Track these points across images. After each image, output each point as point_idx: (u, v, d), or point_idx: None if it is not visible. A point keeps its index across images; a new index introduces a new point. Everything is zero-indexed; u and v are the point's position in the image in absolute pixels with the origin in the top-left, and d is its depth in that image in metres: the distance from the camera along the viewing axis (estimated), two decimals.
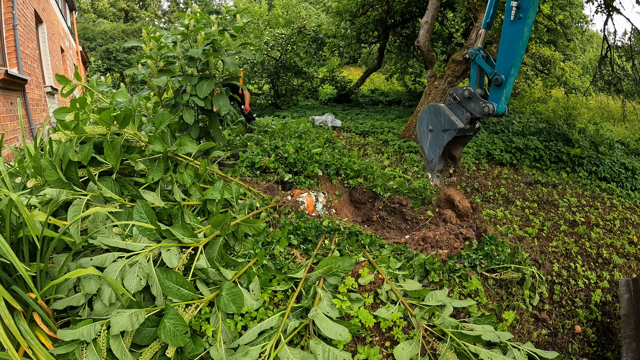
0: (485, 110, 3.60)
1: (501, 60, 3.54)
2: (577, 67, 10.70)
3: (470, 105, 3.73)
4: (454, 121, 3.83)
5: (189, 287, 2.28)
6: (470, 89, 3.70)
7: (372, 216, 4.47)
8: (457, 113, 3.85)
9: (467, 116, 3.77)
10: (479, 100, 3.65)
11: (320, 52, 12.60)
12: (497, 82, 3.56)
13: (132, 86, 22.01)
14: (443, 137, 3.95)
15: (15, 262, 1.76)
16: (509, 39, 3.43)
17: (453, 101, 3.85)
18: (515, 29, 3.39)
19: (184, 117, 3.86)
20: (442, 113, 3.91)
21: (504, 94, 3.57)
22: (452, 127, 3.85)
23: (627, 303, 2.78)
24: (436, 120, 3.98)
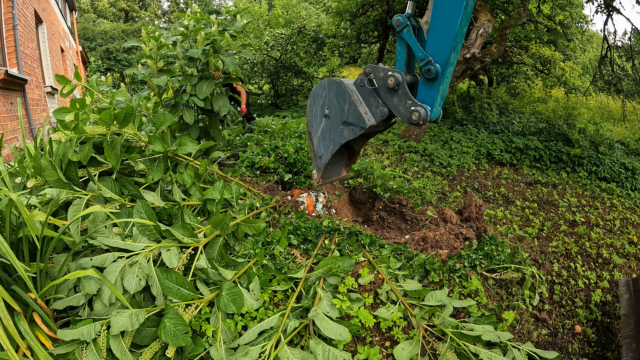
0: (414, 118, 2.51)
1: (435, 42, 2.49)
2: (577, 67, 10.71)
3: (391, 100, 2.63)
4: (362, 115, 2.71)
5: (189, 287, 2.28)
6: (396, 75, 2.56)
7: (372, 216, 4.47)
8: (370, 103, 2.73)
9: (382, 112, 2.68)
10: (406, 97, 2.58)
11: (320, 52, 12.61)
12: (429, 75, 2.49)
13: (132, 86, 22.02)
14: (342, 132, 2.86)
15: (14, 262, 1.76)
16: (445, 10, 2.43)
17: (367, 85, 2.71)
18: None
19: (183, 117, 3.87)
20: (348, 99, 2.77)
21: (440, 92, 2.58)
22: (358, 124, 2.75)
23: (627, 303, 2.78)
24: (337, 105, 2.85)
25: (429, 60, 2.43)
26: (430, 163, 6.44)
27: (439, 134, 7.71)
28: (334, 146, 2.90)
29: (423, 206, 4.54)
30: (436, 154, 6.60)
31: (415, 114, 2.46)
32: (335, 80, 2.80)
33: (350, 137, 2.79)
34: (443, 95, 2.58)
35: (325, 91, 2.87)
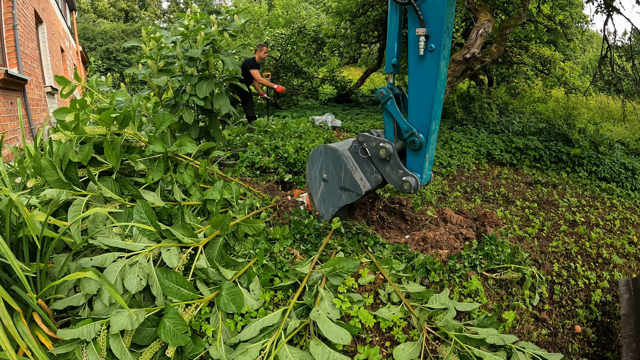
0: (405, 188, 2.72)
1: (415, 113, 2.63)
2: (577, 67, 10.72)
3: (384, 169, 2.82)
4: (357, 183, 2.89)
5: (189, 287, 2.28)
6: (387, 147, 2.72)
7: (372, 216, 4.48)
8: (365, 170, 2.91)
9: (377, 178, 2.87)
10: (397, 167, 2.75)
11: (320, 52, 12.61)
12: (414, 146, 2.66)
13: (132, 86, 22.01)
14: (340, 196, 3.04)
15: (12, 262, 1.76)
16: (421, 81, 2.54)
17: (361, 154, 2.90)
18: (427, 66, 2.49)
19: (183, 117, 3.87)
20: (344, 166, 2.92)
21: (427, 159, 2.72)
22: (354, 190, 2.92)
23: (627, 303, 2.78)
24: (333, 172, 3.01)
25: (412, 132, 2.62)
26: None
27: (439, 134, 7.71)
28: (334, 208, 3.16)
29: (423, 206, 4.55)
30: (436, 154, 6.60)
31: (406, 184, 2.69)
32: (331, 148, 3.00)
33: (348, 202, 3.03)
34: (431, 160, 2.80)
35: (322, 157, 3.07)
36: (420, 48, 2.47)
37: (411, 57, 2.56)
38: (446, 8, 2.40)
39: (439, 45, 2.44)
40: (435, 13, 2.43)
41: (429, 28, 2.45)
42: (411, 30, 2.53)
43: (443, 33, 2.45)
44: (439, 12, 2.41)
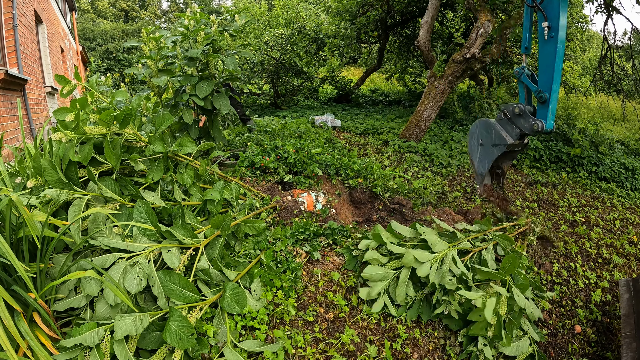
0: (535, 128, 3.75)
1: (542, 79, 3.72)
2: (577, 67, 10.70)
3: (520, 122, 3.89)
4: (504, 136, 4.00)
5: (192, 288, 2.28)
6: (520, 106, 3.86)
7: (372, 216, 4.47)
8: (507, 129, 4.01)
9: (516, 132, 3.93)
10: (528, 117, 3.80)
11: (320, 52, 12.60)
12: (541, 100, 3.73)
13: (132, 86, 22.00)
14: (493, 152, 4.17)
15: (14, 262, 1.76)
16: (545, 58, 3.64)
17: (504, 117, 4.03)
18: (549, 48, 3.60)
19: (183, 117, 3.86)
20: (493, 128, 4.11)
21: (550, 110, 3.71)
22: (502, 142, 4.04)
23: (627, 303, 2.78)
24: (487, 135, 4.19)
25: (539, 90, 3.71)
26: (430, 163, 6.44)
27: (439, 134, 7.71)
28: (488, 163, 4.28)
29: (423, 206, 4.54)
30: (436, 154, 6.60)
31: (535, 124, 3.74)
32: (484, 120, 4.29)
33: (499, 153, 4.12)
34: (553, 112, 3.75)
35: (478, 128, 4.32)
36: (545, 35, 3.58)
37: (540, 41, 3.69)
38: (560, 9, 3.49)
39: (557, 34, 3.51)
40: (553, 12, 3.54)
41: (550, 23, 3.56)
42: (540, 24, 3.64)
43: (558, 26, 3.49)
44: (556, 12, 3.52)
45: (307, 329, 2.52)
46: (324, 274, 2.94)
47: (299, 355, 2.33)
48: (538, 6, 3.64)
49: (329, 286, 2.85)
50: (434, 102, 7.08)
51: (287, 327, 2.49)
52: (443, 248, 2.83)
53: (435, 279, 2.65)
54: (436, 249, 2.83)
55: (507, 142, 4.00)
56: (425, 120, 7.17)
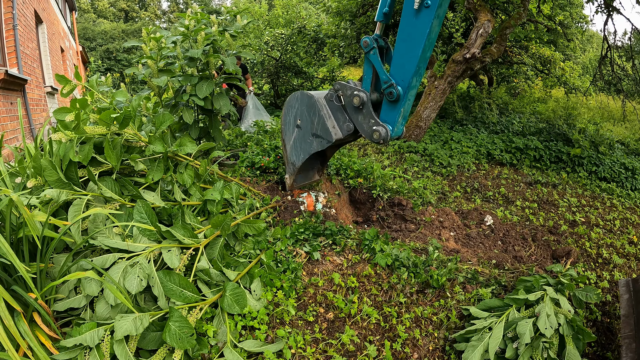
0: (375, 137, 2.73)
1: (398, 66, 2.61)
2: (577, 67, 10.71)
3: (356, 118, 2.82)
4: (329, 130, 2.91)
5: (192, 289, 2.28)
6: (362, 95, 2.72)
7: (372, 216, 4.47)
8: (338, 118, 2.92)
9: (349, 127, 2.88)
10: (370, 116, 2.75)
11: (320, 52, 12.60)
12: (391, 97, 2.63)
13: (132, 86, 22.00)
14: (312, 143, 3.06)
15: (15, 262, 1.76)
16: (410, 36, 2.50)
17: (336, 102, 2.89)
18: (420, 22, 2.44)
19: (183, 117, 3.87)
20: (317, 113, 2.94)
21: (401, 113, 2.70)
22: (326, 137, 2.95)
23: (627, 303, 2.78)
24: (307, 118, 3.02)
25: (391, 83, 2.59)
26: (430, 163, 6.45)
27: (439, 134, 7.71)
28: (304, 155, 3.16)
29: (423, 206, 4.55)
30: (436, 154, 6.60)
31: (376, 133, 2.68)
32: (307, 94, 3.02)
33: (319, 149, 3.05)
34: (405, 115, 2.74)
35: (298, 103, 3.07)
36: (416, 1, 2.41)
37: (406, 9, 2.50)
38: None
39: (435, 2, 2.38)
40: None
41: None
42: None
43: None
44: None
45: (307, 329, 2.52)
46: (324, 274, 2.94)
47: (299, 355, 2.33)
48: None
49: (328, 286, 2.85)
50: (434, 102, 7.08)
51: (287, 327, 2.49)
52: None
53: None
54: None
55: (332, 138, 2.89)
56: (425, 120, 7.17)
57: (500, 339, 2.40)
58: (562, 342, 2.41)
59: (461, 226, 4.14)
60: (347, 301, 2.73)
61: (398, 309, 2.76)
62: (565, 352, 2.35)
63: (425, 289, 2.94)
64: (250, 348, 2.24)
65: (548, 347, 2.32)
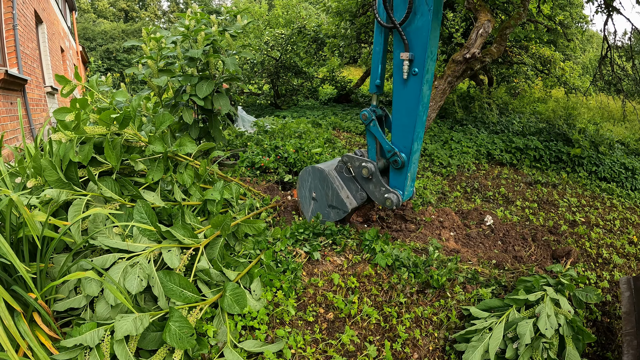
0: (387, 204, 2.86)
1: (398, 134, 2.72)
2: (577, 67, 10.71)
3: (368, 187, 2.97)
4: (344, 201, 3.04)
5: (192, 289, 2.28)
6: (369, 166, 2.85)
7: (372, 216, 4.47)
8: (351, 188, 3.05)
9: (362, 196, 3.02)
10: (380, 184, 2.88)
11: (320, 52, 12.60)
12: (396, 165, 2.78)
13: (132, 86, 22.01)
14: (329, 214, 3.20)
15: (15, 262, 1.76)
16: (404, 104, 2.62)
17: (346, 174, 3.05)
18: (411, 90, 2.56)
19: (183, 117, 3.87)
20: (330, 185, 3.07)
21: (409, 177, 2.83)
22: (342, 208, 3.08)
23: (628, 301, 2.78)
24: (322, 191, 3.16)
25: (395, 152, 2.73)
26: (430, 163, 6.44)
27: (439, 134, 7.71)
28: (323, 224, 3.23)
29: (423, 206, 4.54)
30: (436, 154, 6.60)
31: (388, 200, 2.83)
32: (318, 168, 3.15)
33: (337, 219, 3.18)
34: (413, 177, 2.87)
35: (311, 177, 3.22)
36: (404, 72, 2.53)
37: (395, 80, 2.62)
38: (430, 33, 2.43)
39: (422, 69, 2.48)
40: (419, 38, 2.48)
41: (413, 52, 2.51)
42: (396, 53, 2.58)
43: (427, 57, 2.47)
44: (423, 36, 2.46)
45: (307, 329, 2.52)
46: (324, 274, 2.94)
47: (299, 356, 2.33)
48: (397, 26, 2.51)
49: (328, 286, 2.84)
50: (434, 102, 7.08)
51: (287, 327, 2.49)
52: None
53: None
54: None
55: (348, 209, 3.03)
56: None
57: (501, 340, 2.39)
58: (562, 342, 2.41)
59: (461, 226, 4.13)
60: (347, 301, 2.73)
61: (398, 309, 2.76)
62: (565, 352, 2.34)
63: (425, 289, 2.94)
64: (250, 348, 2.23)
65: (548, 347, 2.31)
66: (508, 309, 2.61)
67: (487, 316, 2.60)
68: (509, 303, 2.65)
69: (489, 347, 2.35)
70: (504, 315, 2.54)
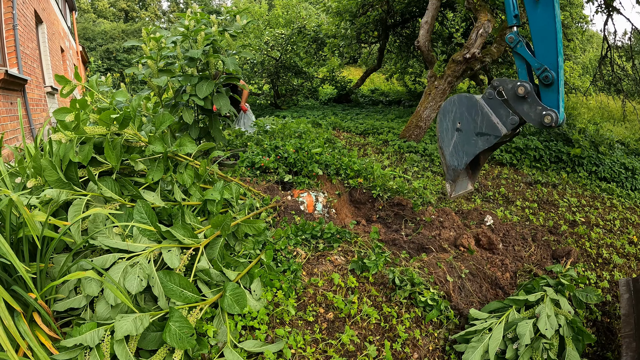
0: (547, 121, 2.72)
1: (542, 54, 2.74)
2: (577, 67, 10.71)
3: (522, 108, 2.83)
4: (496, 125, 2.92)
5: (192, 289, 2.28)
6: (526, 85, 2.78)
7: (372, 216, 4.47)
8: (501, 114, 2.93)
9: (513, 120, 2.88)
10: (536, 104, 2.76)
11: (320, 52, 12.60)
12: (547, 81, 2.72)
13: (132, 86, 22.01)
14: (476, 143, 3.04)
15: (15, 262, 1.76)
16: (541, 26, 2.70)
17: (497, 97, 2.91)
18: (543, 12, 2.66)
19: (183, 117, 3.87)
20: (480, 111, 2.97)
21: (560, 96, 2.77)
22: (492, 133, 2.94)
23: (627, 303, 2.78)
24: (469, 119, 3.05)
25: (544, 68, 2.67)
26: (430, 163, 6.44)
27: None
28: (467, 157, 3.10)
29: (423, 206, 4.54)
30: (436, 154, 6.60)
31: (547, 117, 2.70)
32: (466, 95, 3.05)
33: (485, 147, 3.00)
34: (562, 96, 2.78)
35: (456, 107, 3.09)
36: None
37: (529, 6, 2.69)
38: None
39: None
40: None
41: None
42: None
43: None
44: None
45: (307, 329, 2.52)
46: (323, 274, 2.94)
47: (298, 355, 2.33)
48: None
49: (328, 286, 2.85)
50: (434, 102, 7.08)
51: (287, 327, 2.49)
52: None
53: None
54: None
55: (500, 132, 2.91)
56: (425, 120, 7.17)
57: (500, 340, 2.40)
58: (562, 343, 2.41)
59: (461, 226, 4.13)
60: (347, 301, 2.73)
61: (398, 309, 2.76)
62: (565, 353, 2.35)
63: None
64: (250, 348, 2.24)
65: (548, 348, 2.32)
66: (508, 309, 2.61)
67: (486, 317, 2.60)
68: (509, 303, 2.65)
69: (488, 348, 2.36)
70: (503, 316, 2.54)
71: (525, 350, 2.31)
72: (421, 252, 3.46)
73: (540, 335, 2.37)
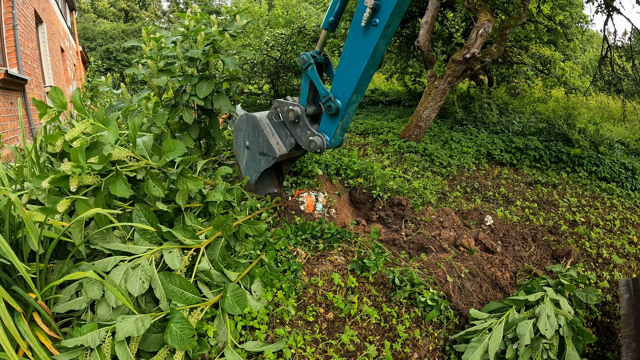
0: (312, 147, 2.85)
1: (340, 81, 2.64)
2: (577, 67, 10.70)
3: (295, 131, 2.95)
4: (273, 147, 3.04)
5: (193, 290, 2.28)
6: (297, 109, 2.85)
7: (372, 216, 4.47)
8: (281, 135, 3.06)
9: (291, 141, 3.01)
10: (306, 128, 2.86)
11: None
12: (330, 111, 2.72)
13: (132, 86, 22.00)
14: (260, 162, 3.20)
15: (15, 262, 1.76)
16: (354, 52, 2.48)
17: (275, 119, 3.06)
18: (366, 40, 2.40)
19: (183, 117, 3.86)
20: (261, 132, 3.10)
21: (340, 126, 2.77)
22: (270, 154, 3.07)
23: (627, 303, 2.78)
24: (254, 138, 3.19)
25: (329, 97, 2.67)
26: (430, 163, 6.44)
27: (439, 134, 7.71)
28: (256, 174, 3.33)
29: (423, 206, 4.54)
30: (436, 154, 6.60)
31: (312, 143, 2.83)
32: (251, 116, 3.23)
33: (267, 166, 3.20)
34: (344, 127, 2.84)
35: (244, 125, 3.30)
36: (364, 20, 2.34)
37: (353, 24, 2.46)
38: None
39: (384, 22, 2.29)
40: None
41: (379, 1, 2.29)
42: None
43: (392, 11, 2.25)
44: None
45: (307, 329, 2.52)
46: (323, 274, 2.94)
47: (298, 355, 2.33)
48: None
49: (328, 286, 2.85)
50: (434, 102, 7.08)
51: (287, 327, 2.49)
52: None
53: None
54: None
55: (276, 154, 3.01)
56: (425, 120, 7.17)
57: (500, 340, 2.40)
58: (562, 343, 2.41)
59: (461, 226, 4.13)
60: (347, 301, 2.73)
61: (398, 309, 2.76)
62: (565, 353, 2.35)
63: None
64: (251, 348, 2.24)
65: (548, 348, 2.32)
66: (508, 309, 2.61)
67: (486, 317, 2.60)
68: (509, 304, 2.65)
69: (488, 348, 2.36)
70: (503, 316, 2.54)
71: (525, 350, 2.31)
72: (421, 252, 3.46)
73: (540, 335, 2.37)
